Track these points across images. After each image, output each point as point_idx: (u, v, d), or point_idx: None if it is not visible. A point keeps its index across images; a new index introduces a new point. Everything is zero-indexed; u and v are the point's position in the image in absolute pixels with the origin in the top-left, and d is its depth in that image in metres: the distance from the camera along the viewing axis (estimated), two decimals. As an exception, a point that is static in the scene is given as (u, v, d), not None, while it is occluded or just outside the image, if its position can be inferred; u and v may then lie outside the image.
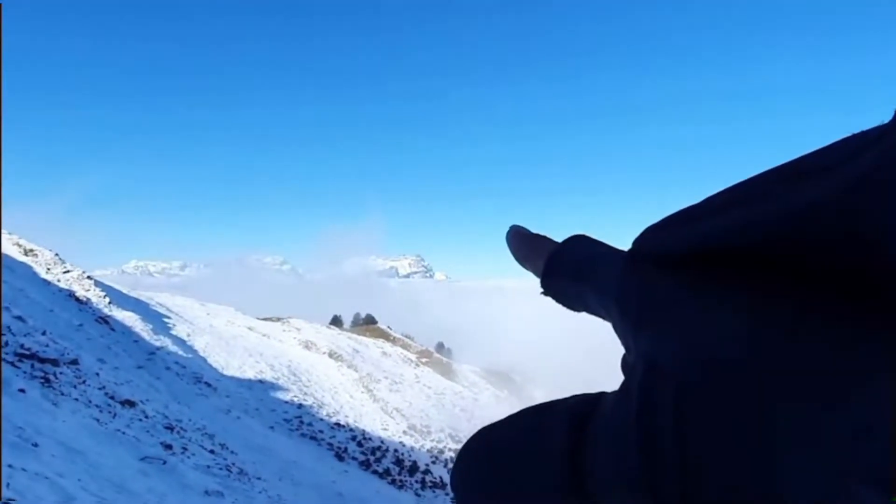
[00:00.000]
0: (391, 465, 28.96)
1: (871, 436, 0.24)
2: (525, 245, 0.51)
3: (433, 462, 32.14)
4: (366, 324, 65.46)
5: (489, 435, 0.44)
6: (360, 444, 29.46)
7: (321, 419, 30.26)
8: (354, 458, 27.62)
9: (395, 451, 30.81)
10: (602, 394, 0.40)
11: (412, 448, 32.66)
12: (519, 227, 0.53)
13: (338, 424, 30.68)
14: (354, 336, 53.63)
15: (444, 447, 34.74)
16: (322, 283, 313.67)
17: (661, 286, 0.35)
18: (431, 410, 39.87)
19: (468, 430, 38.85)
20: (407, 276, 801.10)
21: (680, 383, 0.31)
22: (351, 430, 30.81)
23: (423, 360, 53.89)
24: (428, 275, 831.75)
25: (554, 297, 0.50)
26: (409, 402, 39.51)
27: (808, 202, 0.27)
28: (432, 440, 35.05)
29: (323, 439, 27.88)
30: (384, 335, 60.64)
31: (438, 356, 58.34)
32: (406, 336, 64.40)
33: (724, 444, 0.29)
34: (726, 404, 0.29)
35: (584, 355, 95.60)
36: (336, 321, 63.54)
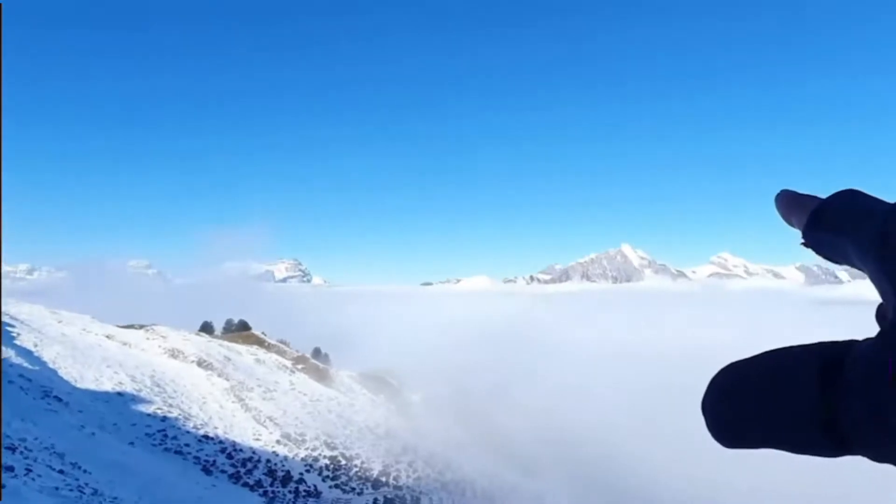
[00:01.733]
0: (263, 477, 28.24)
1: None
2: (792, 202, 0.52)
3: (307, 470, 31.65)
4: (239, 330, 62.98)
5: (738, 369, 0.45)
6: (229, 456, 28.46)
7: (187, 432, 28.90)
8: (224, 471, 26.66)
9: (268, 461, 30.05)
10: (853, 341, 0.41)
11: (286, 457, 31.98)
12: (788, 189, 0.54)
13: (206, 437, 29.43)
14: (226, 343, 51.62)
15: (320, 455, 34.31)
16: (192, 288, 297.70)
17: None
18: (307, 418, 39.19)
19: (344, 437, 38.98)
20: (283, 280, 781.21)
21: None
22: (220, 441, 29.66)
23: (299, 366, 52.81)
24: (305, 279, 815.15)
25: (814, 249, 0.51)
26: (283, 410, 38.58)
27: None
28: (307, 448, 34.49)
29: (189, 453, 26.67)
30: (258, 341, 58.73)
31: (315, 362, 57.37)
32: (281, 342, 62.77)
33: None
34: None
35: (460, 359, 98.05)
36: (206, 328, 60.64)
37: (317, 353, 62.96)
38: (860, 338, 0.43)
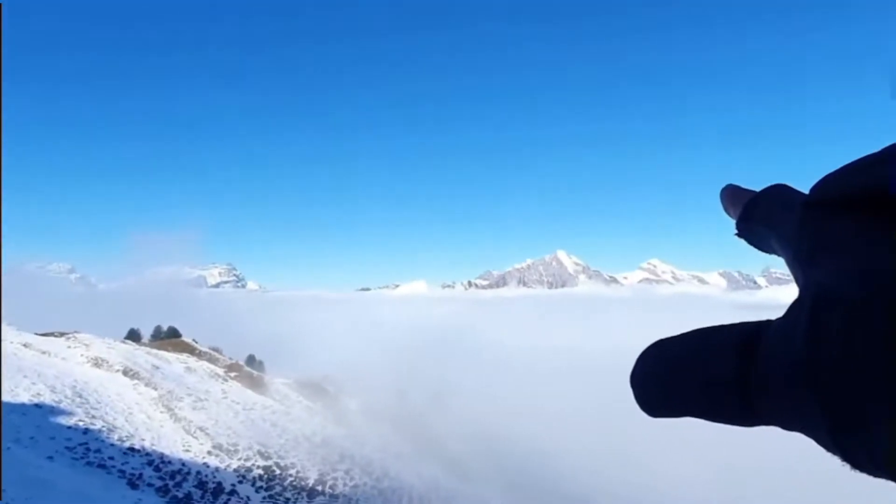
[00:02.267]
0: (193, 489, 27.34)
1: None
2: (732, 196, 0.57)
3: (240, 481, 30.82)
4: (168, 337, 60.69)
5: (666, 344, 0.49)
6: (157, 469, 27.41)
7: (112, 444, 27.66)
8: (151, 485, 25.65)
9: (198, 473, 29.10)
10: (767, 320, 0.45)
11: (217, 468, 31.04)
12: (732, 184, 0.59)
13: (132, 449, 28.23)
14: (154, 351, 49.70)
15: (253, 465, 33.45)
16: (118, 294, 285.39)
17: (834, 226, 0.41)
18: (239, 427, 38.14)
19: (279, 446, 38.21)
20: (216, 285, 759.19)
21: (848, 304, 0.40)
22: (147, 454, 28.52)
23: (232, 374, 51.35)
24: (240, 284, 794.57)
25: (746, 239, 0.55)
26: (214, 420, 37.43)
27: None
28: (240, 459, 33.56)
29: (114, 467, 25.54)
30: (189, 349, 56.79)
31: (249, 370, 55.89)
32: (213, 349, 60.91)
33: (882, 355, 0.39)
34: (887, 322, 0.38)
35: (399, 365, 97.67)
36: (133, 335, 58.17)
37: (251, 360, 61.44)
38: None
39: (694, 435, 60.94)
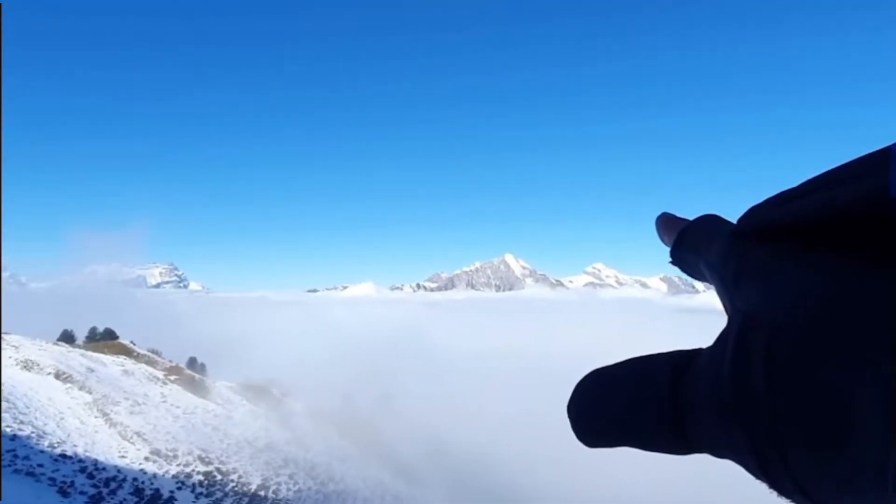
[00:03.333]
0: (128, 496, 26.43)
1: None
2: (667, 224, 0.59)
3: (179, 488, 29.93)
4: (104, 339, 58.33)
5: (603, 374, 0.50)
6: (90, 476, 26.38)
7: (41, 451, 26.45)
8: (83, 493, 24.69)
9: (135, 479, 28.14)
10: (699, 349, 0.46)
11: (155, 475, 30.06)
12: (667, 213, 0.62)
13: (63, 455, 27.06)
14: (89, 353, 47.78)
15: (193, 471, 32.51)
16: (51, 294, 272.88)
17: (758, 254, 0.43)
18: (179, 432, 37.01)
19: (221, 451, 37.29)
20: (157, 285, 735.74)
21: (771, 327, 0.41)
22: (80, 460, 27.39)
23: (172, 377, 49.78)
24: (182, 285, 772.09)
25: (679, 267, 0.58)
26: (152, 425, 36.20)
27: (853, 195, 0.40)
28: (179, 464, 32.55)
29: (43, 474, 24.45)
30: (126, 351, 54.78)
31: (190, 373, 54.30)
32: (153, 352, 58.94)
33: (804, 376, 0.40)
34: (808, 343, 0.40)
35: (346, 367, 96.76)
36: (67, 337, 55.65)
37: (192, 363, 59.73)
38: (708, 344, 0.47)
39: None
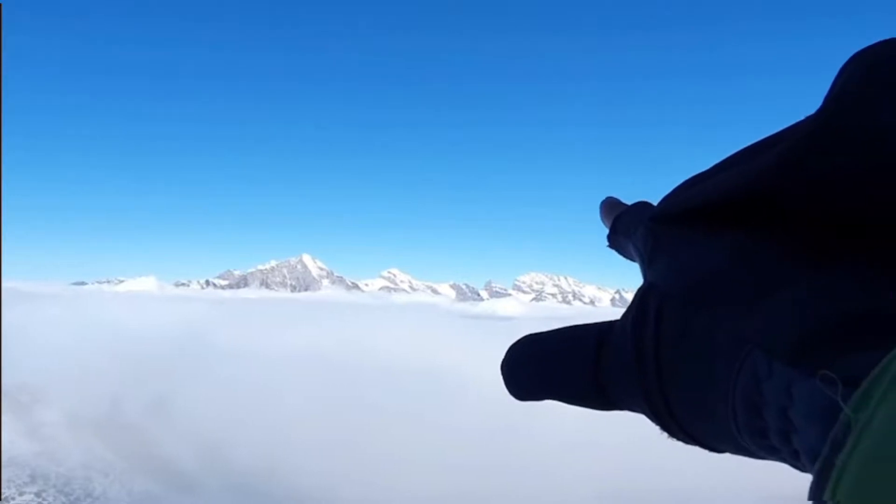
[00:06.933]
0: None
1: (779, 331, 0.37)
2: (609, 208, 0.64)
3: None
4: None
5: (534, 337, 0.54)
6: None
7: None
8: None
9: None
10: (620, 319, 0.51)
11: None
12: (611, 197, 0.66)
13: None
14: None
15: None
16: None
17: (669, 234, 0.49)
18: None
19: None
20: None
21: (663, 292, 0.46)
22: None
23: None
24: None
25: (615, 250, 0.62)
26: None
27: (758, 168, 0.42)
28: None
29: None
30: None
31: None
32: None
33: (681, 330, 0.44)
34: (689, 302, 0.44)
35: (118, 369, 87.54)
36: None
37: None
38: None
39: (428, 429, 64.51)
